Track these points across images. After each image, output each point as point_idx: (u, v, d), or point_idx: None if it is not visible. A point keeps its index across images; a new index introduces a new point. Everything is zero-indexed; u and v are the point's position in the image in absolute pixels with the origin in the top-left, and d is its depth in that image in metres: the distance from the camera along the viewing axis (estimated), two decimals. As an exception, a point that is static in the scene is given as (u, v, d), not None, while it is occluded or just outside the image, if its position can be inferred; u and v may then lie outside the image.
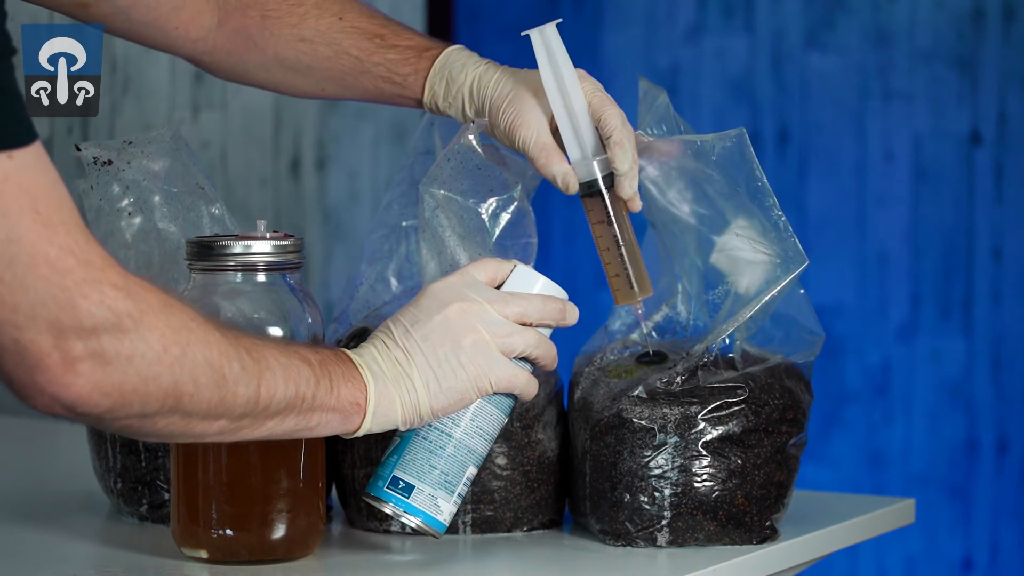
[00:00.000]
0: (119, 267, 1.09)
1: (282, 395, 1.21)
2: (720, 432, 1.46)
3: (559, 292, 1.37)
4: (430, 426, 1.33)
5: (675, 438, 1.45)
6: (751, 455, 1.46)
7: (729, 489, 1.46)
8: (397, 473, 1.33)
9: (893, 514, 1.67)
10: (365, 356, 1.30)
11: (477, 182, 1.47)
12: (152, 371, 1.11)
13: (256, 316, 1.39)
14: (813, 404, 1.52)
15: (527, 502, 1.52)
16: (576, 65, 1.45)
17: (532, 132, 1.45)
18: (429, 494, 1.33)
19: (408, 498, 1.33)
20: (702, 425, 1.45)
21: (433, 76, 1.50)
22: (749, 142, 1.47)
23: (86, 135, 2.35)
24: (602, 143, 1.45)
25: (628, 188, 1.46)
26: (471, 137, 1.47)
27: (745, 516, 1.46)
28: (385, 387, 1.28)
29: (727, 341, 1.48)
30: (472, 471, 1.35)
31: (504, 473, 1.51)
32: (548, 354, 1.35)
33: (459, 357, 1.29)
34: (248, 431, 1.21)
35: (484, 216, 1.48)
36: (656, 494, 1.45)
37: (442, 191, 1.46)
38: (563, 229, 3.33)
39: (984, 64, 3.07)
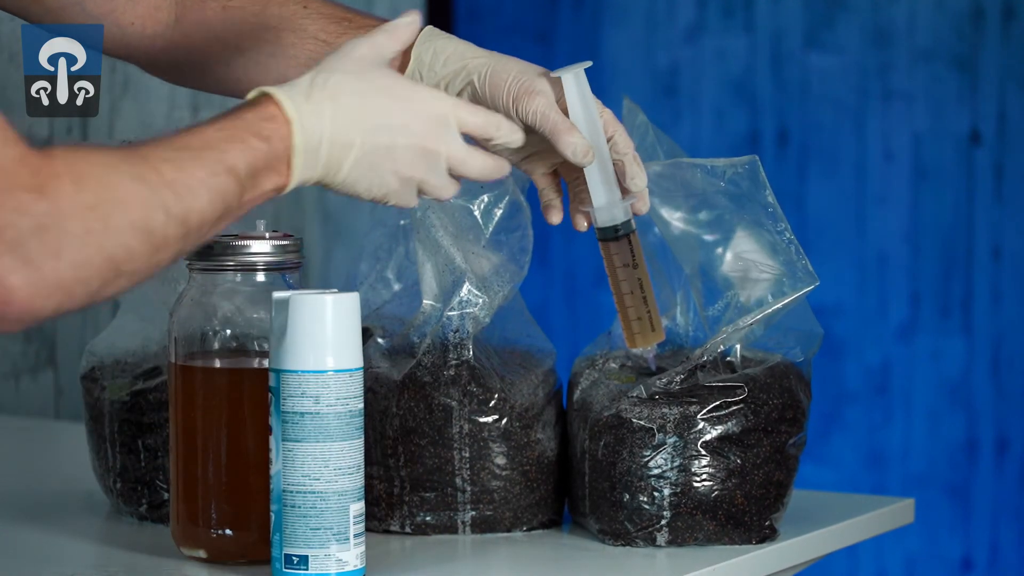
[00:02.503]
0: (29, 159, 1.07)
1: (210, 217, 1.19)
2: (719, 432, 1.46)
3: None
4: (291, 493, 1.29)
5: (674, 438, 1.45)
6: (750, 455, 1.46)
7: (728, 489, 1.46)
8: (287, 550, 1.29)
9: (892, 514, 1.67)
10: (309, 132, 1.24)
11: (466, 180, 1.47)
12: (82, 256, 1.10)
13: (256, 316, 1.39)
14: (813, 404, 1.52)
15: (526, 502, 1.52)
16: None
17: (548, 102, 1.40)
18: (325, 555, 1.29)
19: (308, 569, 1.29)
20: (701, 425, 1.45)
21: (419, 46, 1.45)
22: (762, 168, 1.46)
23: (86, 135, 2.35)
24: (622, 186, 1.42)
25: (647, 204, 1.44)
26: (463, 135, 1.46)
27: (744, 516, 1.46)
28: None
29: (723, 348, 1.48)
30: (357, 506, 1.30)
31: (503, 473, 1.51)
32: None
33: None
34: (190, 247, 1.20)
35: (476, 213, 1.48)
36: (655, 494, 1.45)
37: (434, 191, 1.46)
38: (563, 228, 3.33)
39: (984, 64, 3.07)
